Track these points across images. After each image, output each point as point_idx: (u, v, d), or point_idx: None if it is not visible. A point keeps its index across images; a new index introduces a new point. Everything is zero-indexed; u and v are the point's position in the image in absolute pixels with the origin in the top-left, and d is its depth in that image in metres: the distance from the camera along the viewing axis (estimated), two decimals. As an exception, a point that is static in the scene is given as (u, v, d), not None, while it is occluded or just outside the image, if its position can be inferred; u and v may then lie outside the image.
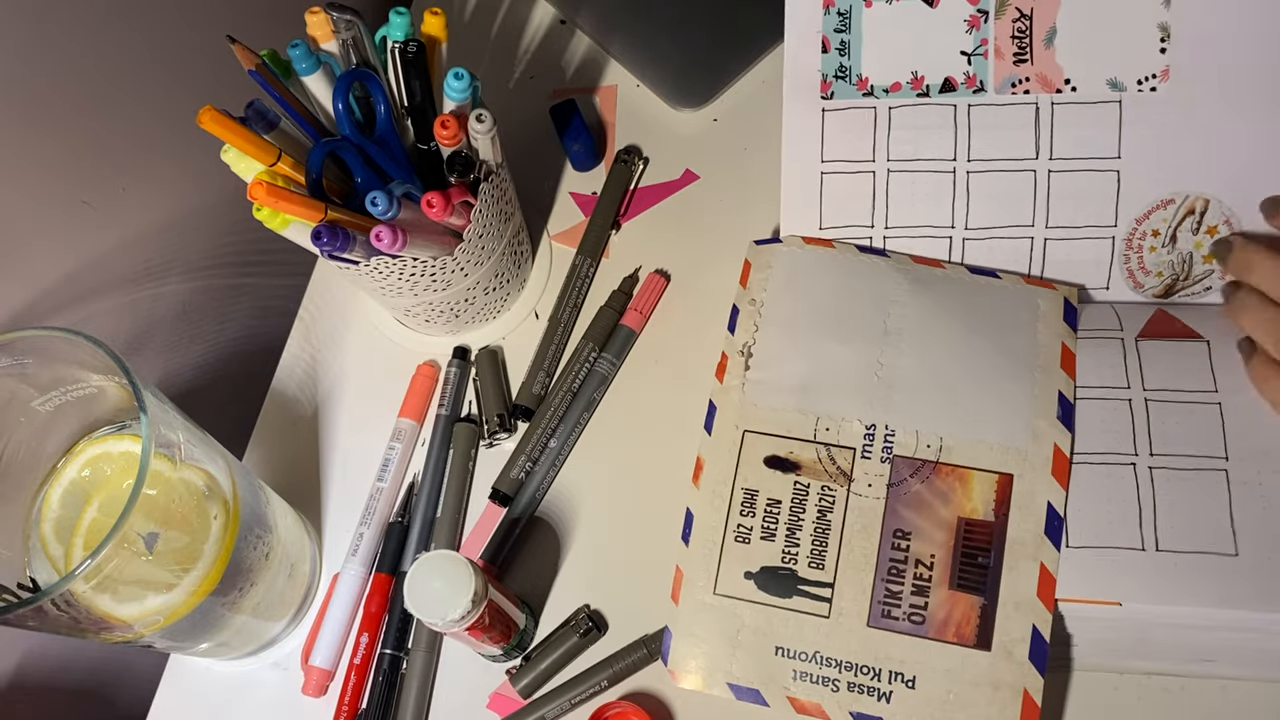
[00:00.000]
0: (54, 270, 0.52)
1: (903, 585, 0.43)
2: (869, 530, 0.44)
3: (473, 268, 0.51)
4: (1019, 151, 0.49)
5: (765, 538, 0.45)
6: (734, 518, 0.46)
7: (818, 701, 0.43)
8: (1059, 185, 0.49)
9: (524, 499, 0.51)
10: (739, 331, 0.49)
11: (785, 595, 0.44)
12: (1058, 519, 0.43)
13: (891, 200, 0.50)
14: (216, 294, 0.64)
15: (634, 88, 0.61)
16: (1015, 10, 0.48)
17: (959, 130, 0.50)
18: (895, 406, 0.46)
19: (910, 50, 0.50)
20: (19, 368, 0.41)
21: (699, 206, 0.57)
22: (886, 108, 0.50)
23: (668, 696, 0.47)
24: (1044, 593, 0.42)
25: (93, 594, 0.38)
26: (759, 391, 0.48)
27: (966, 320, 0.48)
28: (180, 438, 0.41)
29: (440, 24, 0.47)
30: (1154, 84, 0.47)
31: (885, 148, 0.50)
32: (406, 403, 0.54)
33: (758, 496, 0.46)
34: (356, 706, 0.48)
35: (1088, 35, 0.48)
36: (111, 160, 0.54)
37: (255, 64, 0.44)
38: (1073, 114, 0.48)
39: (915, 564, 0.44)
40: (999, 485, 0.44)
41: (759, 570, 0.45)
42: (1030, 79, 0.48)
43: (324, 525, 0.53)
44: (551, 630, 0.48)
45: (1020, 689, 0.41)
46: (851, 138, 0.51)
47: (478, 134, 0.46)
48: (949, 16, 0.49)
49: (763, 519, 0.46)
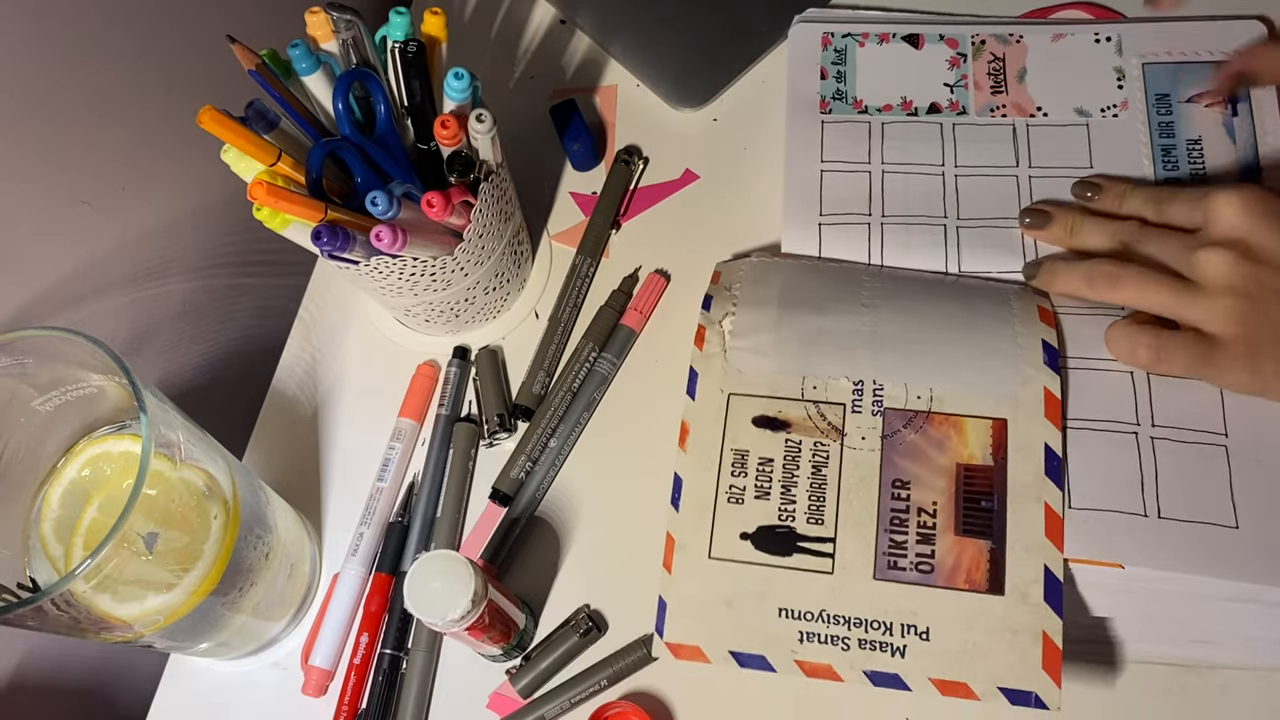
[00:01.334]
0: (54, 270, 0.52)
1: (906, 535, 0.43)
2: (867, 482, 0.44)
3: (473, 267, 0.51)
4: (1001, 160, 0.53)
5: (760, 497, 0.44)
6: (725, 479, 0.45)
7: (828, 663, 0.42)
8: (1040, 188, 0.52)
9: (524, 499, 0.51)
10: (715, 310, 0.49)
11: (785, 554, 0.43)
12: (1056, 459, 0.43)
13: (887, 195, 0.53)
14: (216, 294, 0.64)
15: (634, 87, 0.61)
16: (990, 54, 0.56)
17: (946, 143, 0.54)
18: (882, 364, 0.46)
19: (899, 80, 0.56)
20: (19, 367, 0.41)
21: (699, 206, 0.57)
22: (880, 123, 0.55)
23: (668, 696, 0.47)
24: (1052, 533, 0.42)
25: (93, 594, 0.38)
26: (741, 357, 0.47)
27: (939, 290, 0.49)
28: (180, 437, 0.41)
29: (440, 24, 0.47)
30: (1115, 112, 0.53)
31: (880, 153, 0.54)
32: (406, 402, 0.54)
33: (748, 456, 0.45)
34: (356, 706, 0.48)
35: (1053, 76, 0.55)
36: (111, 160, 0.54)
37: (255, 64, 0.44)
38: (1047, 134, 0.53)
39: (918, 512, 0.43)
40: (994, 430, 0.44)
41: (755, 530, 0.44)
42: (1006, 106, 0.54)
43: (324, 525, 0.53)
44: (551, 630, 0.48)
45: (1039, 632, 0.41)
46: (848, 144, 0.54)
47: (478, 134, 0.46)
48: (932, 57, 0.56)
49: (755, 478, 0.45)
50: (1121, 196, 0.49)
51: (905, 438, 0.45)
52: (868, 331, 0.47)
